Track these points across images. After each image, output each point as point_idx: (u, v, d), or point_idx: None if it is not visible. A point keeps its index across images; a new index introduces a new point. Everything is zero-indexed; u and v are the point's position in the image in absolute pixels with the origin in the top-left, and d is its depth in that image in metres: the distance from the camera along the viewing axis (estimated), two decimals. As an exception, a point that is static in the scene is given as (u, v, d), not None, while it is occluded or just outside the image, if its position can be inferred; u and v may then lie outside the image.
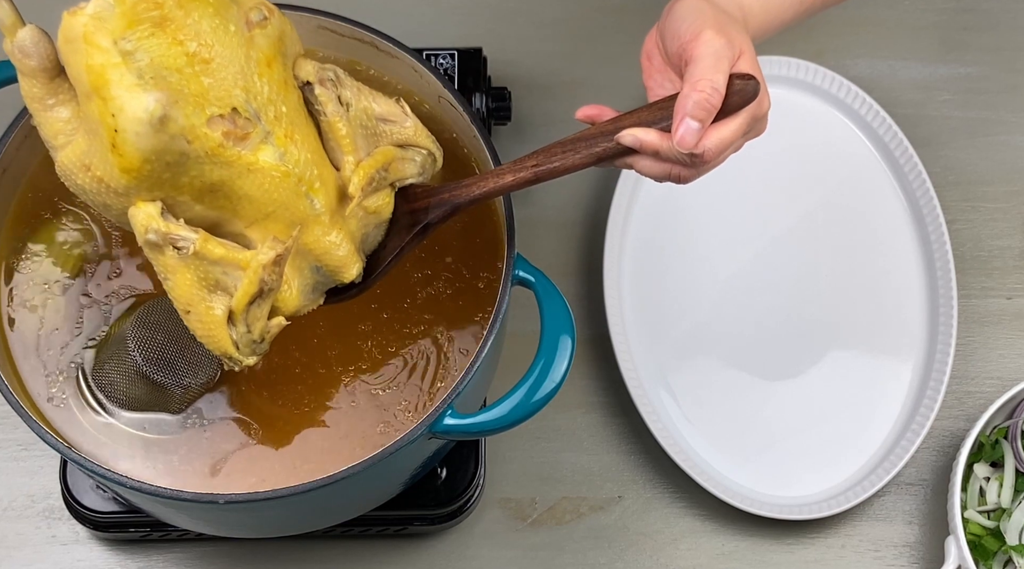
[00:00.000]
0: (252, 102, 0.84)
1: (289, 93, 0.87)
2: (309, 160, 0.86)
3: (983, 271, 1.22)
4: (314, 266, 0.89)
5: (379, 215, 0.91)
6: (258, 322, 0.86)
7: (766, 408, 1.15)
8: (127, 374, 0.94)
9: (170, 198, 0.84)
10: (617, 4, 1.31)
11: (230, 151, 0.83)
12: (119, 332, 0.96)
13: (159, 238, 0.83)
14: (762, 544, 1.13)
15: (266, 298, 0.86)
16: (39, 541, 1.11)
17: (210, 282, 0.85)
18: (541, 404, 0.90)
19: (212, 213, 0.86)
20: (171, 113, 0.81)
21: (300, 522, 1.02)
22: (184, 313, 0.86)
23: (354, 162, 0.89)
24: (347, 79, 0.89)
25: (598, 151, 0.88)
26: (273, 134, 0.85)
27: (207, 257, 0.84)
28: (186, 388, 0.95)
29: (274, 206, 0.86)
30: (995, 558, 1.08)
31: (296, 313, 0.90)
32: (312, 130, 0.88)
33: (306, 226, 0.87)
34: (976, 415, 1.13)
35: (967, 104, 1.28)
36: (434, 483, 1.08)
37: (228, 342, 0.86)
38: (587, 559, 1.12)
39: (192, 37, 0.81)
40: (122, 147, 0.81)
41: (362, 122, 0.90)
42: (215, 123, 0.82)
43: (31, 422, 0.90)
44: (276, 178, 0.85)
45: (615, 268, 1.17)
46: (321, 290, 0.91)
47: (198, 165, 0.83)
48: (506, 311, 0.93)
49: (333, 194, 0.88)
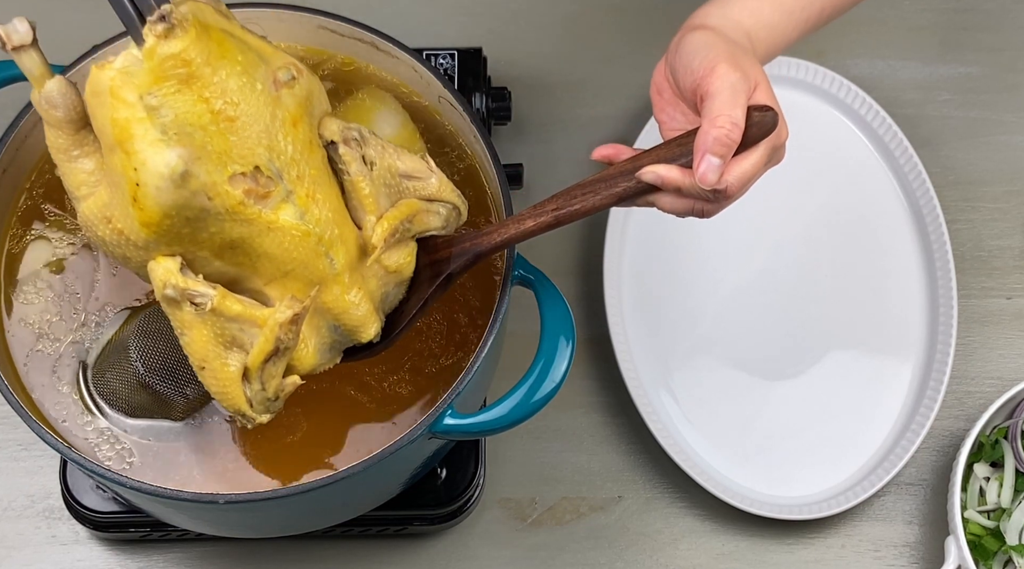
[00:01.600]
0: (275, 161, 0.84)
1: (313, 153, 0.86)
2: (330, 219, 0.86)
3: (983, 271, 1.22)
4: (332, 325, 0.89)
5: (400, 274, 0.91)
6: (273, 380, 0.87)
7: (766, 408, 1.15)
8: (128, 382, 0.94)
9: (189, 253, 0.85)
10: (617, 4, 1.31)
11: (251, 209, 0.83)
12: (120, 339, 0.96)
13: (177, 294, 0.84)
14: (762, 544, 1.13)
15: (282, 356, 0.86)
16: (39, 541, 1.11)
17: (226, 339, 0.85)
18: (541, 404, 0.90)
19: (231, 269, 0.86)
20: (193, 169, 0.81)
21: (300, 522, 1.02)
22: (199, 369, 0.86)
23: (375, 221, 0.88)
24: (372, 138, 0.89)
25: (619, 191, 0.88)
26: (295, 193, 0.85)
27: (224, 314, 0.84)
28: (188, 397, 0.95)
29: (293, 264, 0.86)
30: (995, 558, 1.08)
31: (312, 371, 0.90)
32: (335, 189, 0.88)
33: (325, 285, 0.87)
34: (976, 415, 1.13)
35: (967, 104, 1.27)
36: (434, 483, 1.08)
37: (242, 399, 0.86)
38: (587, 559, 1.12)
39: (218, 95, 0.81)
40: (143, 201, 0.82)
41: (386, 180, 0.89)
42: (237, 181, 0.83)
43: (31, 422, 0.90)
44: (296, 237, 0.85)
45: (615, 268, 1.17)
46: (339, 349, 0.91)
47: (218, 222, 0.83)
48: (506, 311, 0.93)
49: (353, 253, 0.88)
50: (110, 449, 0.94)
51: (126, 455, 0.94)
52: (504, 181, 0.96)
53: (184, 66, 0.80)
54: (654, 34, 1.30)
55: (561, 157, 1.25)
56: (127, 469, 0.94)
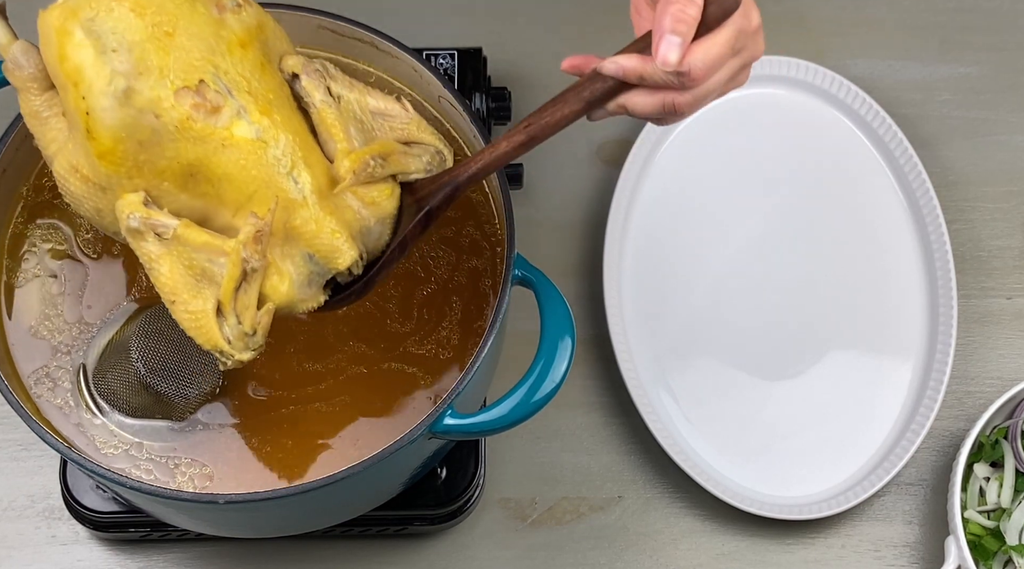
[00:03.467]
0: (222, 78, 0.83)
1: (268, 76, 0.86)
2: (292, 141, 0.85)
3: (983, 271, 1.22)
4: (305, 253, 0.86)
5: (379, 207, 0.88)
6: (247, 311, 0.84)
7: (766, 408, 1.15)
8: (129, 383, 0.94)
9: (152, 188, 0.84)
10: (617, 4, 1.31)
11: (200, 124, 0.83)
12: (121, 340, 0.96)
13: (140, 224, 0.83)
14: (762, 544, 1.13)
15: (252, 281, 0.84)
16: (39, 541, 1.11)
17: (196, 271, 0.84)
18: (541, 404, 0.90)
19: (197, 202, 0.85)
20: (135, 85, 0.81)
21: (300, 522, 1.02)
22: (170, 304, 0.85)
23: (347, 150, 0.87)
24: (338, 73, 0.89)
25: (586, 95, 0.86)
26: (248, 110, 0.84)
27: (189, 243, 0.84)
28: (188, 398, 0.95)
29: (256, 185, 0.84)
30: (995, 558, 1.08)
31: (291, 306, 0.87)
32: (300, 121, 0.87)
33: (294, 209, 0.85)
34: (976, 415, 1.13)
35: (967, 104, 1.27)
36: (434, 483, 1.08)
37: (217, 334, 0.84)
38: (587, 559, 1.12)
39: (153, 11, 0.82)
40: (94, 129, 0.82)
41: (356, 115, 0.88)
42: (182, 95, 0.82)
43: (31, 422, 0.90)
44: (253, 154, 0.84)
45: (615, 268, 1.17)
46: (318, 283, 0.88)
47: (172, 143, 0.83)
48: (506, 311, 0.93)
49: (323, 181, 0.86)
50: (110, 449, 0.94)
51: (127, 456, 0.94)
52: (504, 181, 0.96)
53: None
54: (654, 34, 1.30)
55: (561, 157, 1.25)
56: (127, 469, 0.93)
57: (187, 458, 0.94)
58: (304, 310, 0.88)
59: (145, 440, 0.94)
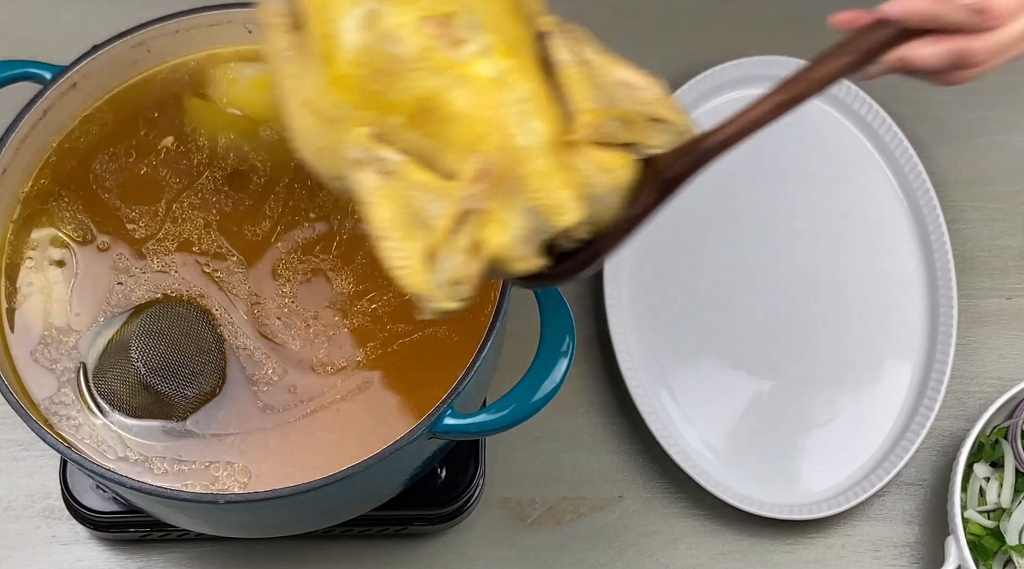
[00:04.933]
0: (471, 14, 0.79)
1: (518, 24, 0.80)
2: (532, 90, 0.79)
3: (983, 271, 1.22)
4: (527, 206, 0.79)
5: (612, 175, 0.80)
6: (458, 256, 0.78)
7: (766, 408, 1.15)
8: (129, 383, 0.94)
9: (382, 121, 0.79)
10: (617, 4, 1.31)
11: (440, 55, 0.78)
12: (121, 339, 0.96)
13: (364, 155, 0.79)
14: (762, 544, 1.13)
15: (467, 225, 0.78)
16: (39, 541, 1.11)
17: (412, 211, 0.79)
18: (541, 404, 0.90)
19: (424, 142, 0.79)
20: (381, 8, 0.78)
21: (300, 522, 1.02)
22: (379, 240, 0.79)
23: (587, 108, 0.80)
24: (590, 40, 0.83)
25: (861, 46, 0.78)
26: (492, 49, 0.78)
27: (410, 180, 0.79)
28: (188, 398, 0.95)
29: (486, 127, 0.78)
30: (995, 558, 1.08)
31: (504, 259, 0.80)
32: (543, 76, 0.80)
33: (521, 158, 0.78)
34: (976, 415, 1.13)
35: (967, 104, 1.27)
36: (434, 483, 1.08)
37: (423, 278, 0.78)
38: (587, 559, 1.12)
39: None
40: (333, 53, 0.79)
41: (600, 81, 0.82)
42: (427, 24, 0.78)
43: (31, 422, 0.90)
44: (490, 95, 0.78)
45: (615, 268, 1.17)
46: (536, 241, 0.80)
47: (408, 74, 0.78)
48: (506, 311, 0.93)
49: (557, 134, 0.79)
50: (110, 449, 0.94)
51: (126, 456, 0.94)
52: (504, 181, 0.96)
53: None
54: (653, 34, 1.30)
55: (561, 157, 1.25)
56: (127, 469, 0.93)
57: (188, 458, 0.94)
58: (519, 270, 0.81)
59: (145, 440, 0.94)
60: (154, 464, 0.94)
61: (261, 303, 0.98)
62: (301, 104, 0.82)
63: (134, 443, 0.94)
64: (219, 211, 1.00)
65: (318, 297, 0.98)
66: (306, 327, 0.97)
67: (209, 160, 1.02)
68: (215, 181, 1.01)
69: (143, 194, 1.01)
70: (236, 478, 0.93)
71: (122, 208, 1.00)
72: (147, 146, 1.02)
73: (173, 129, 1.03)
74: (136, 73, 1.04)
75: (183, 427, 0.95)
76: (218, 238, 0.99)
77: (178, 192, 1.01)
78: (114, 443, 0.94)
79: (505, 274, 0.81)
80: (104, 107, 1.03)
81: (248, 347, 0.96)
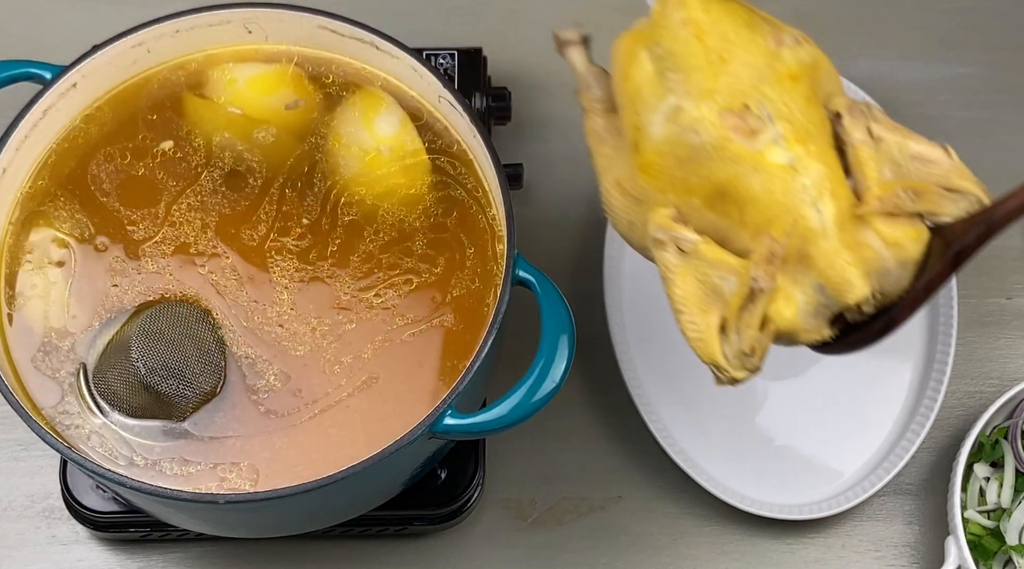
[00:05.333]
0: (766, 104, 0.86)
1: (811, 110, 0.87)
2: (822, 172, 0.86)
3: (983, 271, 1.22)
4: (816, 283, 0.86)
5: (901, 249, 0.86)
6: (749, 330, 0.86)
7: (766, 408, 1.15)
8: (129, 383, 0.94)
9: (682, 204, 0.88)
10: (617, 4, 1.31)
11: (736, 145, 0.85)
12: (120, 340, 0.96)
13: (664, 236, 0.87)
14: (762, 544, 1.13)
15: (758, 302, 0.85)
16: (39, 541, 1.11)
17: (707, 287, 0.87)
18: (541, 404, 0.90)
19: (720, 222, 0.87)
20: (684, 104, 0.86)
21: (300, 522, 1.02)
22: (676, 313, 0.88)
23: (878, 182, 0.87)
24: (881, 116, 0.90)
25: None
26: (784, 138, 0.86)
27: (705, 258, 0.86)
28: (188, 398, 0.95)
29: (777, 210, 0.85)
30: (995, 558, 1.08)
31: (793, 332, 0.88)
32: (834, 156, 0.87)
33: (810, 238, 0.85)
34: (976, 415, 1.13)
35: (967, 104, 1.27)
36: (434, 483, 1.08)
37: (717, 350, 0.87)
38: (587, 559, 1.12)
39: (715, 37, 0.88)
40: (642, 143, 0.88)
41: (893, 157, 0.88)
42: (725, 117, 0.86)
43: (31, 422, 0.90)
44: (782, 180, 0.85)
45: (615, 268, 1.17)
46: (824, 315, 0.88)
47: (707, 162, 0.86)
48: (506, 311, 0.93)
49: (846, 214, 0.86)
50: (110, 449, 0.94)
51: (126, 455, 0.94)
52: (504, 181, 0.96)
53: (682, 8, 0.89)
54: (654, 34, 1.30)
55: (561, 157, 1.25)
56: (127, 469, 0.93)
57: (188, 458, 0.94)
58: (807, 341, 0.89)
59: (145, 440, 0.94)
60: (154, 463, 0.94)
61: (261, 310, 0.98)
62: (613, 182, 0.92)
63: (134, 443, 0.94)
64: (218, 213, 1.00)
65: (317, 301, 0.98)
66: (311, 331, 0.97)
67: (207, 160, 1.02)
68: (214, 182, 1.01)
69: (143, 194, 1.01)
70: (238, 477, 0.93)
71: (122, 209, 1.00)
72: (147, 146, 1.02)
73: (173, 129, 1.03)
74: (136, 73, 1.04)
75: (183, 427, 0.95)
76: (214, 239, 0.99)
77: (177, 194, 1.01)
78: (114, 443, 0.94)
79: (795, 343, 0.89)
80: (104, 107, 1.03)
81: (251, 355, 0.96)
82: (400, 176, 1.02)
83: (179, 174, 1.01)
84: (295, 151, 1.02)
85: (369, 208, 1.01)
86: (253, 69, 1.04)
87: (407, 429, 0.89)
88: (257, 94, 1.03)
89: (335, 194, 1.01)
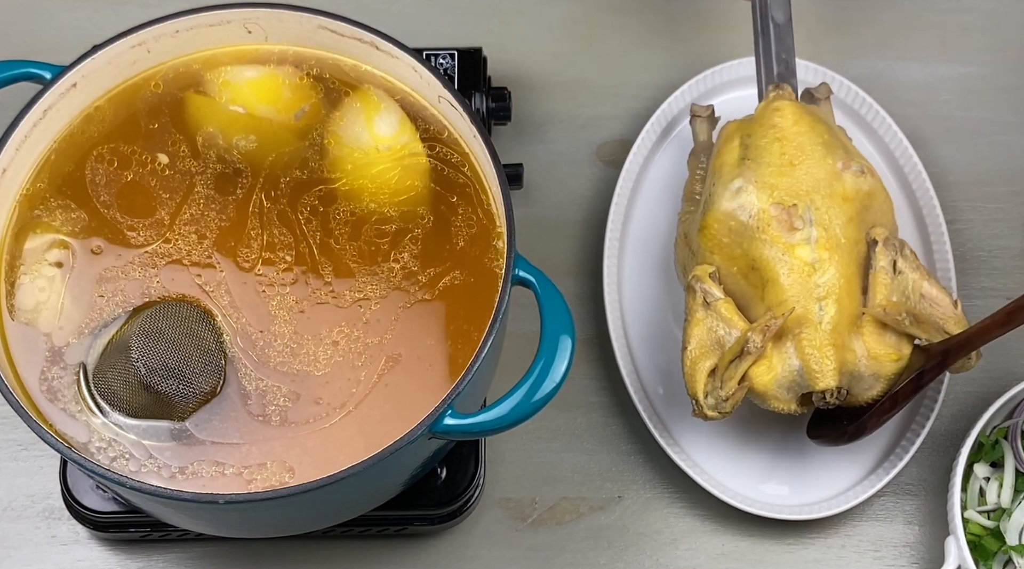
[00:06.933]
0: (812, 211, 1.03)
1: (850, 229, 1.03)
2: (837, 282, 1.02)
3: (983, 271, 1.22)
4: (797, 364, 1.02)
5: (879, 364, 1.02)
6: (730, 381, 1.01)
7: (766, 408, 1.15)
8: (129, 383, 0.94)
9: (723, 265, 1.05)
10: (617, 4, 1.31)
11: (775, 233, 1.03)
12: (120, 340, 0.96)
13: (698, 286, 1.04)
14: (762, 544, 1.13)
15: (743, 361, 1.00)
16: (39, 541, 1.11)
17: (714, 336, 1.03)
18: (541, 404, 0.90)
19: (748, 290, 1.04)
20: (747, 187, 1.04)
21: (300, 522, 1.02)
22: (683, 348, 1.04)
23: (886, 299, 1.02)
24: (911, 256, 1.04)
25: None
26: (817, 241, 1.02)
27: (720, 314, 1.03)
28: (188, 398, 0.95)
29: (790, 295, 1.02)
30: (995, 558, 1.08)
31: (763, 396, 1.03)
32: (856, 273, 1.03)
33: (806, 326, 1.01)
34: (976, 415, 1.13)
35: (967, 104, 1.28)
36: (434, 483, 1.08)
37: (700, 387, 1.02)
38: (587, 559, 1.12)
39: (793, 146, 1.05)
40: (709, 208, 1.06)
41: (904, 289, 1.03)
42: (774, 208, 1.03)
43: (31, 422, 0.90)
44: (801, 274, 1.02)
45: (615, 268, 1.17)
46: (796, 392, 1.03)
47: (749, 238, 1.03)
48: (506, 311, 0.93)
49: (846, 321, 1.02)
50: (110, 449, 0.94)
51: (126, 456, 0.94)
52: (504, 181, 0.96)
53: (778, 115, 1.07)
54: (653, 33, 1.30)
55: (561, 157, 1.25)
56: (127, 469, 0.93)
57: (189, 458, 0.94)
58: (776, 408, 1.04)
59: (145, 440, 0.94)
60: (154, 463, 0.94)
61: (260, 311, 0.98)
62: (683, 233, 1.10)
63: (134, 443, 0.94)
64: (218, 213, 1.00)
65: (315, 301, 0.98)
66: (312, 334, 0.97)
67: (208, 159, 1.02)
68: (214, 181, 1.01)
69: (142, 195, 1.01)
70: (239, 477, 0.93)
71: (122, 210, 1.00)
72: (146, 147, 1.02)
73: (173, 129, 1.03)
74: (136, 73, 1.04)
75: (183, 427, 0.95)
76: (214, 239, 0.99)
77: (177, 194, 1.01)
78: (114, 443, 0.94)
79: (766, 406, 1.04)
80: (104, 107, 1.03)
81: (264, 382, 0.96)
82: (399, 176, 1.02)
83: (180, 174, 1.01)
84: (295, 151, 1.02)
85: (368, 208, 1.01)
86: (253, 69, 1.04)
87: (407, 429, 0.89)
88: (257, 94, 1.03)
89: (335, 194, 1.01)
